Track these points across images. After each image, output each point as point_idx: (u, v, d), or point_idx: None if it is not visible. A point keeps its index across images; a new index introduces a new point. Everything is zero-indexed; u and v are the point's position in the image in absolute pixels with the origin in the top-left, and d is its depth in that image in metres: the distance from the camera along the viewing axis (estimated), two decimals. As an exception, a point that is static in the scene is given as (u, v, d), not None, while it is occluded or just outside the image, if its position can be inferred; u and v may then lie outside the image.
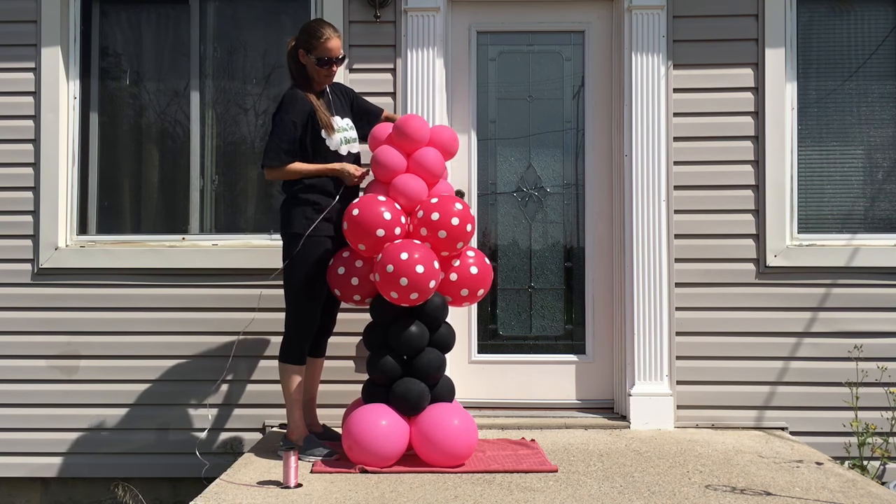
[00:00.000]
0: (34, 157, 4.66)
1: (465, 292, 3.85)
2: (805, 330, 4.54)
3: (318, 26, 3.87)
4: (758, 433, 4.43)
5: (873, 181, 4.72)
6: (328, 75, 3.90)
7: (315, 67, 3.86)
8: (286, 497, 3.29)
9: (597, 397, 4.73)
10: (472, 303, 3.97)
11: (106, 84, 4.87)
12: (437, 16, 4.58)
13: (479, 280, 3.87)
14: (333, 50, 3.85)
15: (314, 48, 3.83)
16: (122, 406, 4.61)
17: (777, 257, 4.54)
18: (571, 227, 4.82)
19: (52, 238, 4.64)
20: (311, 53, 3.84)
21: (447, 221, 3.66)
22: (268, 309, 4.53)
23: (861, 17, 4.72)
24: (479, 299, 3.94)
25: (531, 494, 3.31)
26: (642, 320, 4.51)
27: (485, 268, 3.89)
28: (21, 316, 4.64)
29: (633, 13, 4.56)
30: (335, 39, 3.85)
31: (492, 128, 4.83)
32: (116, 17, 4.87)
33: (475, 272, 3.85)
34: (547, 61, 4.83)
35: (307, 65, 3.88)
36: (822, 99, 4.71)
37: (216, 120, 4.82)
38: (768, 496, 3.32)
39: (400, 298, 3.60)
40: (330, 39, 3.83)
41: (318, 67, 3.86)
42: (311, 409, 4.12)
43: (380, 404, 3.69)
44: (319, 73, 3.88)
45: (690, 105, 4.59)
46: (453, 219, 3.67)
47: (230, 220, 4.82)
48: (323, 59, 3.84)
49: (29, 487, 4.68)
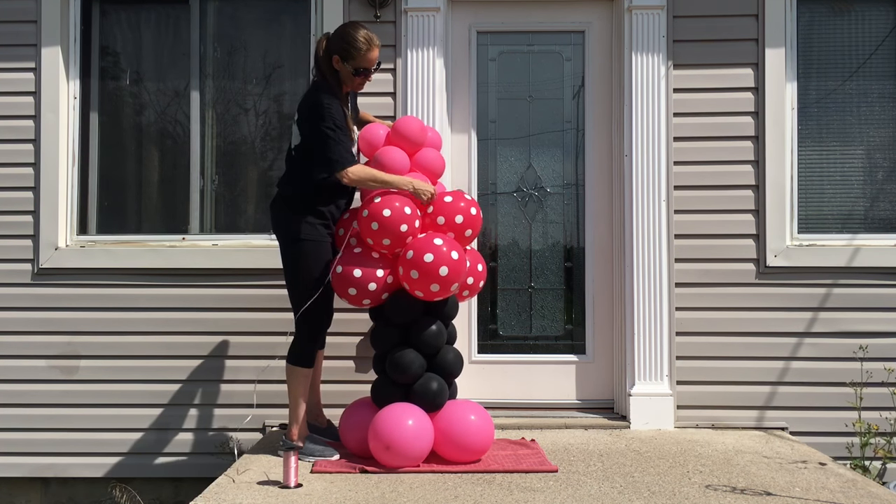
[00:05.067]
0: (34, 157, 4.66)
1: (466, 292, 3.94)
2: (805, 330, 4.54)
3: (357, 35, 3.70)
4: (758, 433, 4.43)
5: (873, 181, 4.72)
6: (363, 83, 3.83)
7: (350, 76, 3.76)
8: (286, 497, 3.29)
9: (597, 397, 4.73)
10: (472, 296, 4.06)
11: (106, 84, 4.87)
12: (437, 16, 4.58)
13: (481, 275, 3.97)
14: (373, 60, 3.75)
15: (352, 58, 3.71)
16: (122, 406, 4.61)
17: (777, 257, 4.54)
18: (571, 227, 4.81)
19: (53, 238, 4.64)
20: (347, 62, 3.72)
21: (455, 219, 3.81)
22: (268, 309, 4.53)
23: (861, 17, 4.72)
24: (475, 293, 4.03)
25: (531, 494, 3.31)
26: (642, 320, 4.51)
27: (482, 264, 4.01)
28: (21, 316, 4.64)
29: (633, 13, 4.56)
30: (376, 50, 3.73)
31: (492, 128, 4.83)
32: (116, 17, 4.86)
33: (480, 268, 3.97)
34: (547, 61, 4.83)
35: (341, 71, 3.75)
36: (822, 99, 4.71)
37: (216, 120, 4.82)
38: (768, 496, 3.32)
39: (441, 291, 3.62)
40: (371, 51, 3.72)
41: (355, 77, 3.76)
42: (317, 403, 4.11)
43: (406, 404, 3.67)
44: (355, 82, 3.80)
45: (690, 105, 4.58)
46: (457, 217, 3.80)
47: (230, 220, 4.82)
48: (360, 69, 3.74)
49: (29, 487, 4.68)
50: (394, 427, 3.56)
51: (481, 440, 3.70)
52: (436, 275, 3.58)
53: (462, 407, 3.74)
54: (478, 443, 3.69)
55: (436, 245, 3.61)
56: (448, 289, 3.63)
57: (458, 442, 3.66)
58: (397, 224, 3.63)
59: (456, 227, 3.79)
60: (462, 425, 3.66)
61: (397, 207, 3.64)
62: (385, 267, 3.71)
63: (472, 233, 3.84)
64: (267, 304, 4.53)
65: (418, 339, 3.72)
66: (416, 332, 3.73)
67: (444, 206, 3.80)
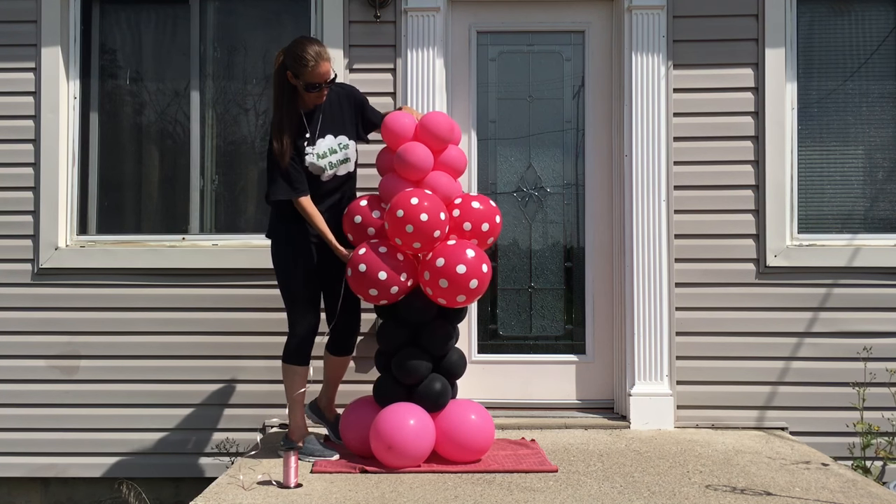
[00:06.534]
0: (34, 157, 4.66)
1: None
2: (805, 330, 4.54)
3: (304, 52, 3.66)
4: (758, 433, 4.43)
5: (874, 181, 4.72)
6: (318, 97, 3.78)
7: (304, 92, 3.74)
8: (286, 497, 3.29)
9: (597, 397, 4.73)
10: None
11: (106, 84, 4.87)
12: (437, 16, 4.58)
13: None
14: (322, 75, 3.70)
15: (301, 74, 3.68)
16: (122, 406, 4.61)
17: (777, 257, 4.54)
18: (571, 227, 4.81)
19: (52, 238, 4.64)
20: (298, 78, 3.70)
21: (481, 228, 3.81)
22: (268, 309, 4.53)
23: (861, 17, 4.72)
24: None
25: (531, 494, 3.31)
26: (642, 320, 4.50)
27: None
28: (21, 316, 4.64)
29: (633, 13, 4.56)
30: (325, 64, 3.69)
31: (492, 128, 4.82)
32: (116, 17, 4.86)
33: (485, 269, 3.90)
34: (547, 61, 4.83)
35: (297, 86, 3.74)
36: (822, 99, 4.70)
37: (216, 120, 4.82)
38: (768, 496, 3.32)
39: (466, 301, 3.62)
40: (319, 65, 3.67)
41: (308, 92, 3.74)
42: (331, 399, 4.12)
43: (408, 404, 3.67)
44: (309, 97, 3.77)
45: (690, 105, 4.58)
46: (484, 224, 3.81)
47: (230, 220, 4.82)
48: (311, 84, 3.71)
49: (29, 487, 4.68)
50: (396, 427, 3.56)
51: (482, 439, 3.70)
52: (465, 286, 3.56)
53: (463, 406, 3.75)
54: (479, 442, 3.69)
55: (469, 257, 3.56)
56: (472, 300, 3.64)
57: (460, 441, 3.66)
58: (432, 229, 3.57)
59: (481, 234, 3.79)
60: (463, 425, 3.67)
61: (434, 212, 3.57)
62: (408, 270, 3.66)
63: (493, 240, 3.86)
64: (267, 304, 4.53)
65: (430, 342, 3.72)
66: (429, 334, 3.72)
67: (472, 212, 3.78)
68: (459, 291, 3.57)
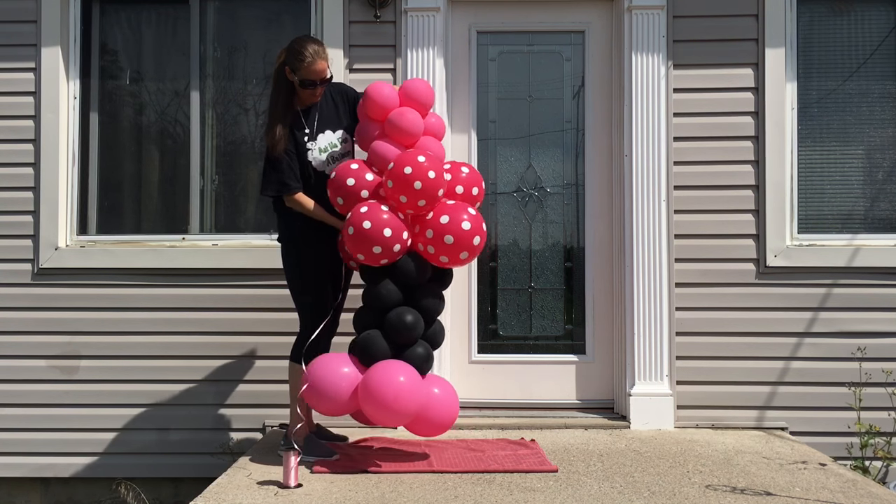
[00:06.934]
0: (34, 157, 4.66)
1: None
2: (805, 330, 4.54)
3: (303, 48, 3.72)
4: (758, 433, 4.43)
5: (873, 181, 4.72)
6: (312, 95, 3.81)
7: (300, 88, 3.77)
8: (286, 497, 3.29)
9: (597, 397, 4.73)
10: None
11: (106, 84, 4.87)
12: (437, 16, 4.58)
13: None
14: (317, 73, 3.74)
15: (299, 69, 3.72)
16: (122, 406, 4.61)
17: (777, 257, 4.54)
18: (571, 227, 4.81)
19: (52, 238, 4.64)
20: (295, 73, 3.74)
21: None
22: (268, 309, 4.53)
23: (861, 17, 4.72)
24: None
25: (531, 494, 3.31)
26: (642, 320, 4.51)
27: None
28: (21, 316, 4.64)
29: (633, 13, 4.56)
30: (321, 62, 3.73)
31: (492, 128, 4.82)
32: (116, 17, 4.86)
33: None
34: (547, 61, 4.83)
35: (294, 82, 3.78)
36: (822, 99, 4.71)
37: (216, 120, 4.82)
38: (768, 496, 3.32)
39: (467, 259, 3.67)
40: (315, 63, 3.71)
41: (303, 89, 3.77)
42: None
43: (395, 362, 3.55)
44: (304, 94, 3.80)
45: (690, 105, 4.58)
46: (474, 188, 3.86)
47: (230, 220, 4.82)
48: (306, 81, 3.74)
49: (29, 487, 4.68)
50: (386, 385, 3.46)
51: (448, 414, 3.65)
52: (469, 242, 3.61)
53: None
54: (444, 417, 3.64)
55: (472, 214, 3.65)
56: (473, 257, 3.69)
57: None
58: (438, 187, 3.60)
59: (471, 198, 3.83)
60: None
61: (439, 171, 3.61)
62: (409, 229, 3.67)
63: (479, 206, 3.89)
64: (267, 304, 4.53)
65: (425, 303, 3.68)
66: (423, 295, 3.69)
67: (463, 176, 3.82)
68: (463, 248, 3.60)
